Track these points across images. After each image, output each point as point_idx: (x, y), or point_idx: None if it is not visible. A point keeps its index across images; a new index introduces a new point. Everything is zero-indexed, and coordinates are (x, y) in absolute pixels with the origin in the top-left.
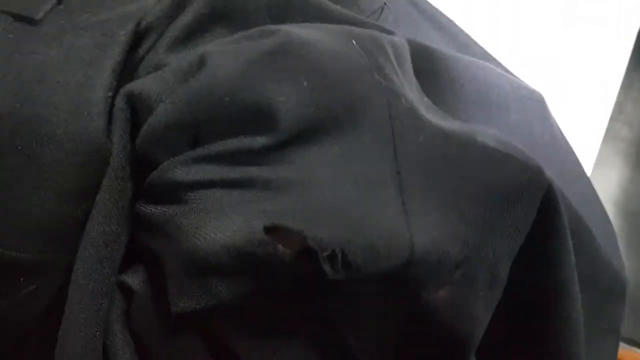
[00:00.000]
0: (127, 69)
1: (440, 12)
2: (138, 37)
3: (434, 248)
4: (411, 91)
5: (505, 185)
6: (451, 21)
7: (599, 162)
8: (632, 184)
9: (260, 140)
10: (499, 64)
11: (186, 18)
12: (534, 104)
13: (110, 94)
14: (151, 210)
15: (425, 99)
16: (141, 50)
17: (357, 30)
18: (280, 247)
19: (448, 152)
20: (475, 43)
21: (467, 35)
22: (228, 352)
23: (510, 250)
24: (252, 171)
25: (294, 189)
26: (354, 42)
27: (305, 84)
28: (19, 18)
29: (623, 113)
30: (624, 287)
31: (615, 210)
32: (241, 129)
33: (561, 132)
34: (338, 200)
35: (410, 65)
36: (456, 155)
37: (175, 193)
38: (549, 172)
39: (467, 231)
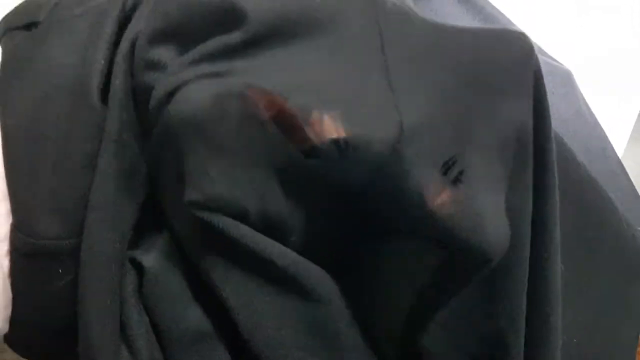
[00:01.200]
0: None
1: None
2: (127, 13)
3: (423, 126)
4: None
5: (496, 69)
6: None
7: (633, 138)
8: None
9: (234, 36)
10: None
11: None
12: (557, 79)
13: (106, 55)
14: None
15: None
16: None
17: None
18: (260, 105)
19: (438, 42)
20: (502, 14)
21: (493, 7)
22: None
23: (505, 138)
24: (235, 62)
25: (274, 70)
26: None
27: None
28: (26, 27)
29: None
30: None
31: None
32: (216, 30)
33: (588, 108)
34: (320, 78)
35: None
36: (446, 42)
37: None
38: (574, 147)
39: (458, 114)
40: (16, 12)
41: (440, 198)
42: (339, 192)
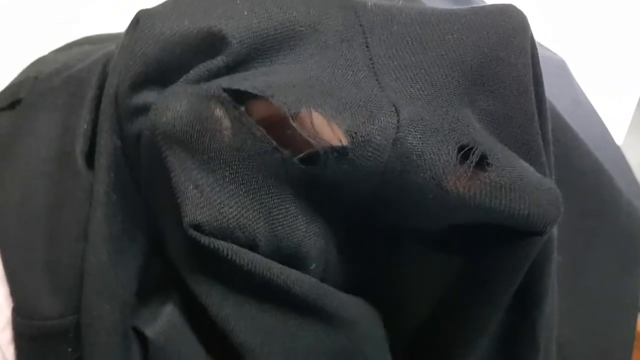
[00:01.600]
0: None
1: None
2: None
3: (422, 111)
4: None
5: (492, 46)
6: None
7: (632, 129)
8: None
9: (217, 61)
10: None
11: None
12: (552, 68)
13: (88, 119)
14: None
15: None
16: None
17: None
18: (241, 108)
19: (425, 31)
20: None
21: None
22: None
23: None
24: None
25: (256, 76)
26: None
27: (245, 13)
28: (11, 106)
29: None
30: None
31: None
32: (198, 59)
33: (584, 96)
34: (305, 79)
35: None
36: (433, 30)
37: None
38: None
39: (451, 103)
40: (1, 94)
41: (464, 179)
42: (350, 203)
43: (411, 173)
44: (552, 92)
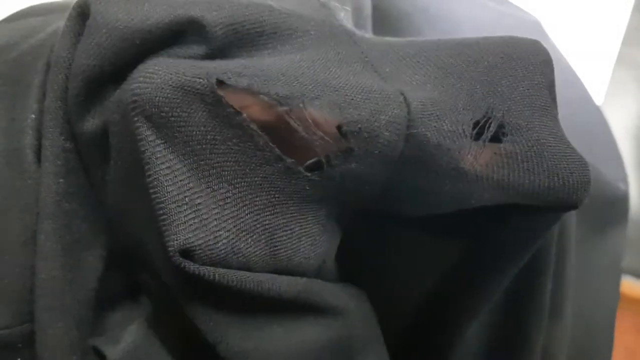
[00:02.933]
0: None
1: None
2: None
3: (430, 99)
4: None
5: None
6: None
7: (611, 91)
8: None
9: (195, 49)
10: None
11: None
12: (527, 30)
13: (37, 109)
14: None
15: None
16: None
17: None
18: (243, 115)
19: (397, 48)
20: None
21: None
22: None
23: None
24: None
25: (243, 67)
26: None
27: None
28: None
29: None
30: (626, 213)
31: (629, 138)
32: (166, 49)
33: (562, 56)
34: (295, 71)
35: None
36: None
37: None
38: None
39: (463, 80)
40: None
41: (480, 156)
42: (359, 203)
43: (428, 163)
44: None
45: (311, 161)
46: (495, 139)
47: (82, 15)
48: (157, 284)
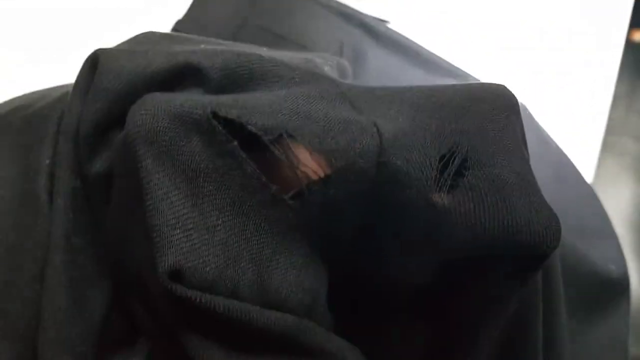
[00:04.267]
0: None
1: (398, 34)
2: None
3: (402, 131)
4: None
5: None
6: (412, 41)
7: (599, 176)
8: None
9: (193, 92)
10: (467, 77)
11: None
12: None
13: (50, 156)
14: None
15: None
16: None
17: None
18: (234, 142)
19: (375, 90)
20: (441, 59)
21: (430, 53)
22: None
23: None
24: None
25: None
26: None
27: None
28: None
29: (627, 126)
30: (622, 295)
31: (625, 225)
32: (175, 86)
33: (549, 136)
34: (279, 101)
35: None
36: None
37: None
38: (545, 174)
39: (433, 117)
40: None
41: (446, 189)
42: (342, 234)
43: (399, 192)
44: None
45: (294, 191)
46: (459, 173)
47: (93, 67)
48: (153, 318)
